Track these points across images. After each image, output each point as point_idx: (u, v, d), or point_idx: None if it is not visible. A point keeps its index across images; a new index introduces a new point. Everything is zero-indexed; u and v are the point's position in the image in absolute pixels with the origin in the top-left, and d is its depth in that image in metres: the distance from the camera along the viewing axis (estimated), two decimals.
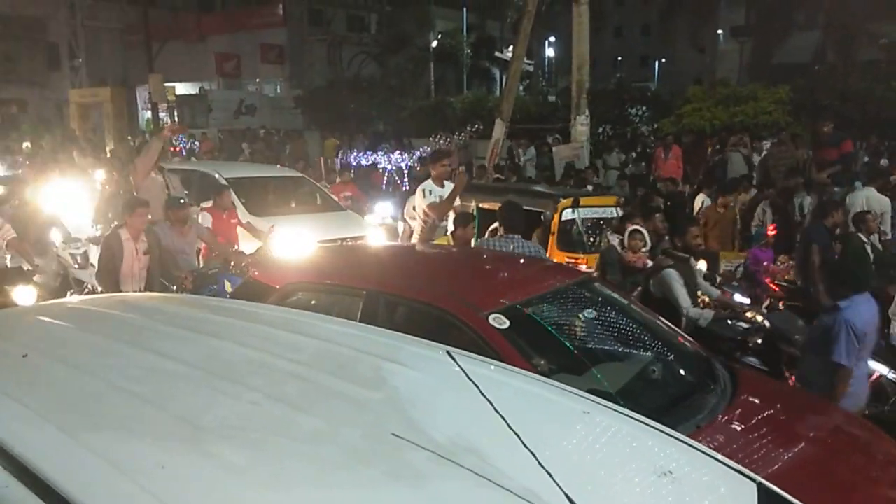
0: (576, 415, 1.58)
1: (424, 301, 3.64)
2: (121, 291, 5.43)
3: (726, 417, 3.24)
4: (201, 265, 6.52)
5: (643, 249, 6.18)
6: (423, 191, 6.23)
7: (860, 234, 6.79)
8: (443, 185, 6.25)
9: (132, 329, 1.95)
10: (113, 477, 1.21)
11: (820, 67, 16.82)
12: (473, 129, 16.52)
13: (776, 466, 2.95)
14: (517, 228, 5.45)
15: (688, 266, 5.39)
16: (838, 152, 9.00)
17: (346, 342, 1.81)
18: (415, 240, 6.48)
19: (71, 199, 8.37)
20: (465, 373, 1.62)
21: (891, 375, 4.93)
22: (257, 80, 32.06)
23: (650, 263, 5.86)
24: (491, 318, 3.34)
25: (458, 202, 6.44)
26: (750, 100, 13.91)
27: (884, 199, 7.80)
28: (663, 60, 41.95)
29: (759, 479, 1.51)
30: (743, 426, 3.24)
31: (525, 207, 7.37)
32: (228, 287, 5.72)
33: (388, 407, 1.48)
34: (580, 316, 3.90)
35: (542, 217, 7.09)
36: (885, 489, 3.10)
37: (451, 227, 6.21)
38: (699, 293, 5.44)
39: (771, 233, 7.45)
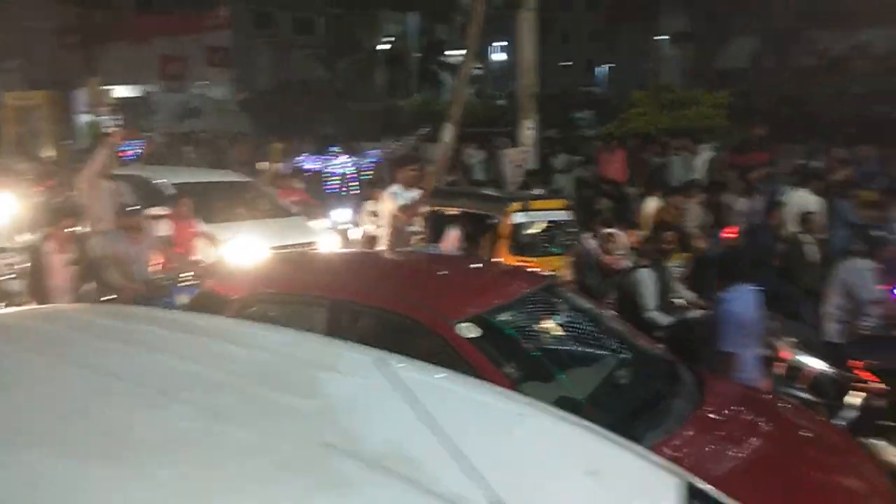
0: (510, 417, 1.60)
1: (392, 310, 3.62)
2: (50, 303, 5.25)
3: (695, 422, 3.32)
4: (157, 275, 6.35)
5: (618, 252, 6.30)
6: (392, 194, 6.24)
7: (806, 235, 7.03)
8: (410, 189, 6.29)
9: (58, 341, 1.88)
10: (29, 497, 1.17)
11: (757, 72, 17.43)
12: (423, 133, 16.52)
13: (743, 468, 3.07)
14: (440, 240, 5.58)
15: (663, 267, 5.53)
16: (768, 156, 9.38)
17: (283, 351, 1.78)
18: (383, 245, 6.46)
19: (2, 207, 8.04)
20: (400, 378, 1.61)
21: (828, 371, 5.13)
22: (202, 82, 31.42)
23: (628, 264, 5.99)
24: (460, 327, 3.35)
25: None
26: (692, 104, 14.32)
27: (817, 201, 8.11)
28: (610, 66, 42.76)
29: (688, 476, 1.54)
30: (711, 430, 3.34)
31: (474, 211, 7.46)
32: (182, 299, 5.57)
33: (321, 416, 1.46)
34: (548, 322, 3.94)
35: (491, 221, 7.14)
36: (845, 483, 3.29)
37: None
38: (672, 295, 5.58)
39: (730, 235, 7.64)
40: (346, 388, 1.60)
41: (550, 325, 3.94)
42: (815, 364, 5.14)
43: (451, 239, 6.76)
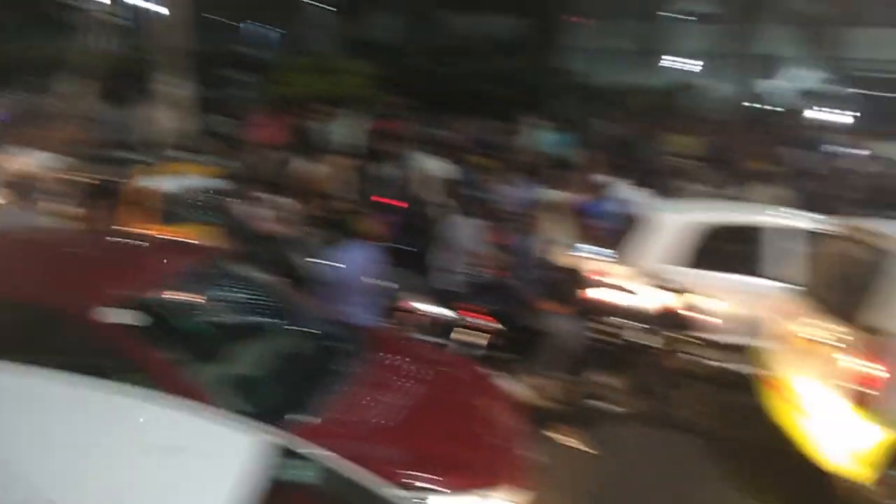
0: (72, 405, 1.49)
1: (28, 302, 3.13)
2: None
3: (360, 378, 3.54)
4: None
5: (281, 217, 6.25)
6: (37, 158, 5.35)
7: (434, 196, 7.87)
8: (50, 151, 5.47)
9: None
10: None
11: (400, 48, 18.87)
12: (40, 85, 14.10)
13: (407, 403, 3.50)
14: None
15: (329, 232, 5.68)
16: (403, 125, 10.39)
17: None
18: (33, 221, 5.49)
19: None
20: None
21: (451, 316, 5.91)
22: None
23: (285, 230, 5.97)
24: (111, 313, 3.04)
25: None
26: (341, 72, 14.91)
27: (443, 166, 9.17)
28: (268, 28, 41.94)
29: (280, 437, 1.62)
30: (374, 383, 3.60)
31: (109, 178, 6.79)
32: None
33: None
34: (211, 298, 3.76)
35: (118, 186, 6.61)
36: (483, 402, 3.91)
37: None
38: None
39: (385, 201, 8.12)
40: None
41: (212, 299, 3.79)
42: (442, 311, 5.91)
43: (85, 207, 6.13)
